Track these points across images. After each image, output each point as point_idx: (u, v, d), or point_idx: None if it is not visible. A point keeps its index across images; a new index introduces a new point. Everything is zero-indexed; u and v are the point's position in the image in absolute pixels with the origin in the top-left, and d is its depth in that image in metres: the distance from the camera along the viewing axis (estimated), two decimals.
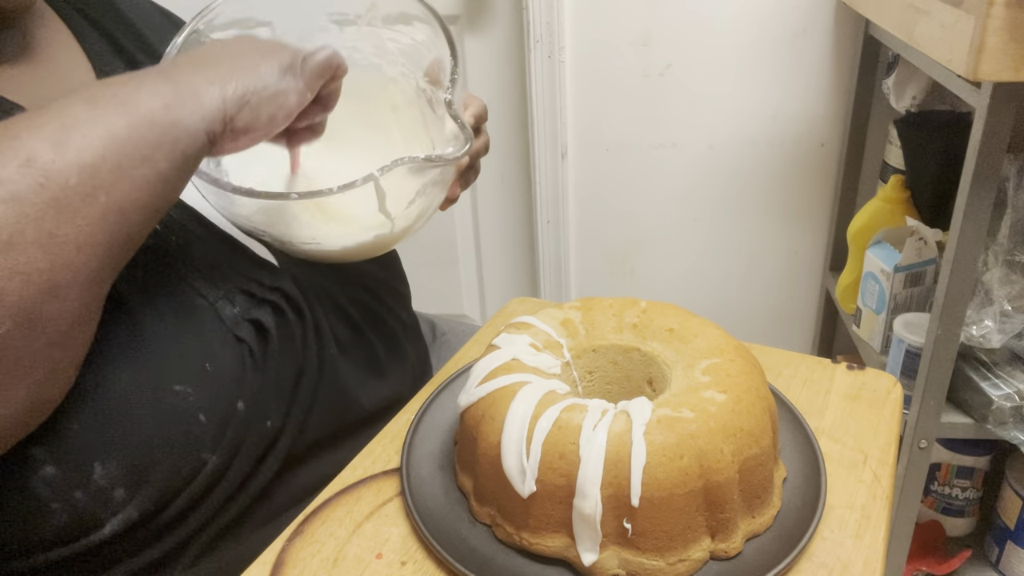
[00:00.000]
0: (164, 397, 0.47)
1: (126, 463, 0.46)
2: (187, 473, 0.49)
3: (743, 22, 1.36)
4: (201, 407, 0.49)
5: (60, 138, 0.38)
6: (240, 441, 0.52)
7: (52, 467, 0.44)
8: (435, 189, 0.57)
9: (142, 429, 0.46)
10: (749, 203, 1.50)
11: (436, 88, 0.62)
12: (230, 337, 0.52)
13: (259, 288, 0.55)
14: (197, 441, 0.49)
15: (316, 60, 0.48)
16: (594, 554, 0.47)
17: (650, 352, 0.57)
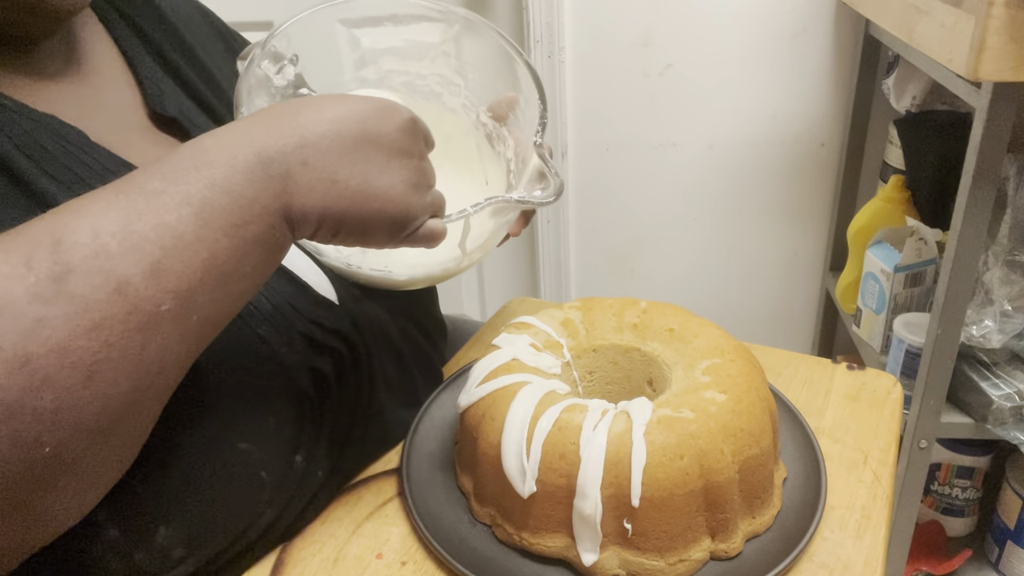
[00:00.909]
0: (229, 457, 0.47)
1: (189, 525, 0.45)
2: (243, 527, 0.49)
3: (743, 22, 1.36)
4: (263, 464, 0.48)
5: (157, 265, 0.35)
6: (292, 495, 0.51)
7: (116, 531, 0.43)
8: (504, 227, 0.58)
9: (207, 491, 0.46)
10: (749, 203, 1.50)
11: (499, 124, 0.63)
12: (291, 387, 0.50)
13: (320, 332, 0.53)
14: (257, 498, 0.49)
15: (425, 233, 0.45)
16: (594, 554, 0.47)
17: (650, 352, 0.57)
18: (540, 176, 0.53)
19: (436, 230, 0.45)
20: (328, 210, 0.40)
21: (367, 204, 0.41)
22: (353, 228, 0.41)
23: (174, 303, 0.35)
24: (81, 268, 0.33)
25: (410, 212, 0.43)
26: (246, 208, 0.37)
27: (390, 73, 0.65)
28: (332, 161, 0.40)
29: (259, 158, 0.38)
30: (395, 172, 0.42)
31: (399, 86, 0.66)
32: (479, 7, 1.45)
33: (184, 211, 0.36)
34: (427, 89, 0.66)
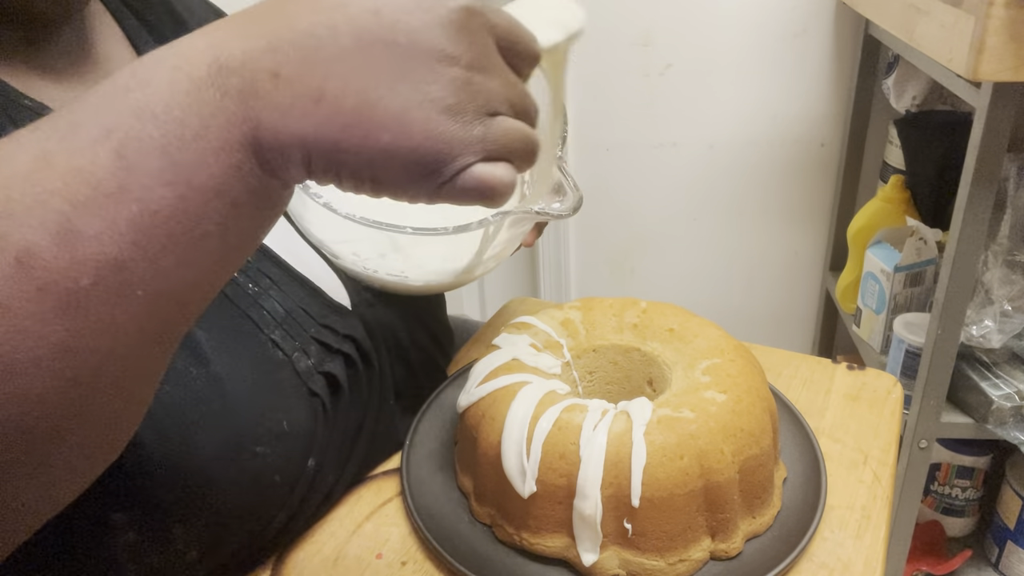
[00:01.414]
0: (246, 460, 0.46)
1: (205, 528, 0.45)
2: (257, 530, 0.49)
3: (743, 22, 1.36)
4: (277, 468, 0.48)
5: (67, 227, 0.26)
6: (305, 497, 0.51)
7: (133, 534, 0.43)
8: (518, 238, 0.58)
9: (224, 494, 0.46)
10: (749, 203, 1.50)
11: None
12: (304, 391, 0.50)
13: (333, 337, 0.53)
14: (271, 502, 0.49)
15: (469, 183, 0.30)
16: (594, 554, 0.47)
17: (650, 352, 0.57)
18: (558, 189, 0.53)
19: (487, 179, 0.30)
20: (311, 141, 0.28)
21: (370, 135, 0.28)
22: (356, 169, 0.29)
23: (98, 276, 0.26)
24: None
25: (439, 149, 0.28)
26: (188, 142, 0.26)
27: None
28: (316, 69, 0.27)
29: (212, 70, 0.27)
30: (417, 86, 0.28)
31: None
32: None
33: (101, 150, 0.26)
34: None
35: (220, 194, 0.27)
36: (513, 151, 0.30)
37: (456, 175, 0.29)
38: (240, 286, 0.52)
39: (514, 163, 0.31)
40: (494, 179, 0.30)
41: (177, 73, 0.27)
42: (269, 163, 0.28)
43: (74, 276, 0.26)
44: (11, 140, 0.27)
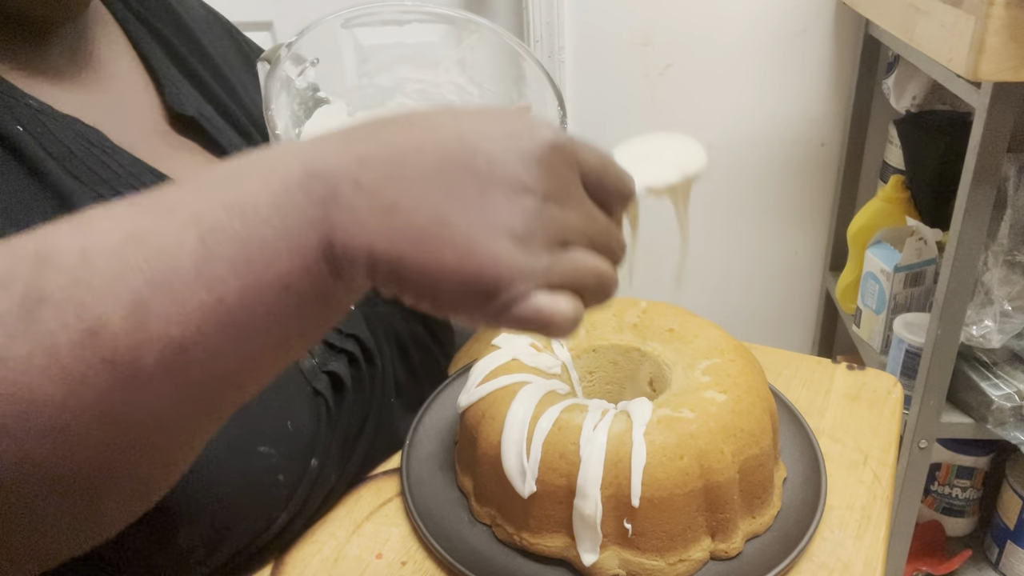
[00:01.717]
0: (250, 460, 0.47)
1: (209, 528, 0.46)
2: (260, 530, 0.49)
3: (743, 22, 1.36)
4: (281, 468, 0.48)
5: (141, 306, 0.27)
6: (307, 497, 0.52)
7: (139, 534, 0.43)
8: None
9: (228, 494, 0.46)
10: (749, 203, 1.50)
11: None
12: (308, 391, 0.50)
13: (336, 336, 0.53)
14: (274, 501, 0.49)
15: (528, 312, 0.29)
16: (594, 554, 0.47)
17: (650, 352, 0.57)
18: None
19: (545, 309, 0.29)
20: (378, 251, 0.28)
21: (434, 251, 0.28)
22: (417, 282, 0.29)
23: (161, 355, 0.27)
24: (56, 298, 0.27)
25: (500, 274, 0.28)
26: (268, 240, 0.28)
27: (405, 80, 0.65)
28: (396, 184, 0.28)
29: (303, 175, 0.28)
30: (488, 211, 0.28)
31: (412, 94, 0.66)
32: (479, 7, 1.45)
33: (188, 236, 0.27)
34: (440, 97, 0.66)
35: (287, 291, 0.28)
36: (582, 285, 0.30)
37: (514, 302, 0.29)
38: None
39: (584, 297, 0.30)
40: (552, 310, 0.29)
41: (271, 174, 0.28)
42: (337, 267, 0.29)
43: (138, 353, 0.27)
44: (109, 211, 0.28)
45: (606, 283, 0.31)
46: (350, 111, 0.64)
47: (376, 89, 0.65)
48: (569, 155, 0.30)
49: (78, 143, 0.48)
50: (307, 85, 0.59)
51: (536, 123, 0.30)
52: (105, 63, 0.55)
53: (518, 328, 0.30)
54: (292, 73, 0.56)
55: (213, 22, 0.67)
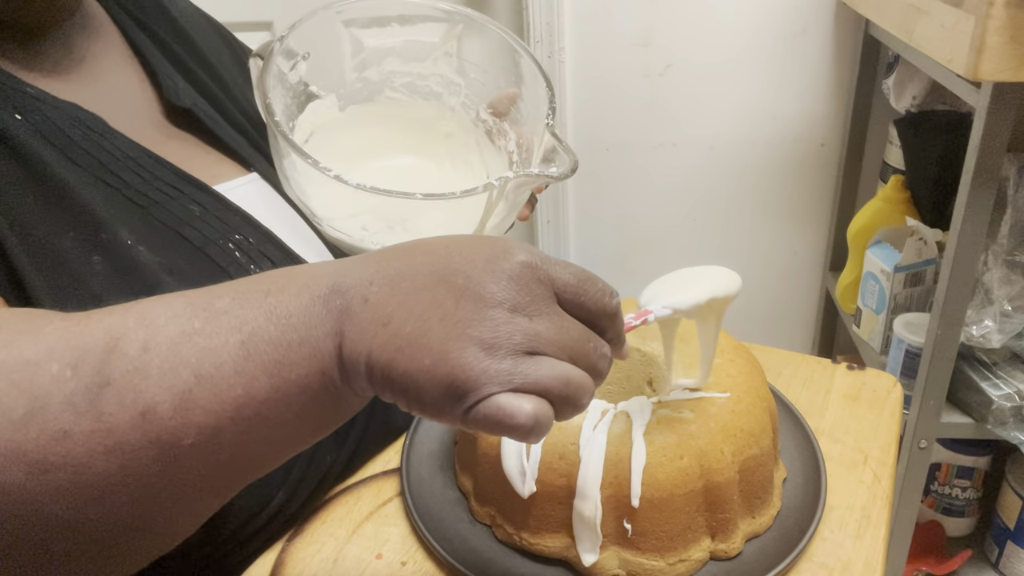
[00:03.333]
0: None
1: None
2: (256, 511, 0.50)
3: (743, 22, 1.35)
4: None
5: (187, 395, 0.31)
6: (303, 477, 0.53)
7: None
8: (514, 212, 0.59)
9: None
10: (749, 203, 1.50)
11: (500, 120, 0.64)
12: None
13: None
14: (269, 481, 0.50)
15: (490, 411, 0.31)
16: (594, 555, 0.47)
17: (650, 352, 0.57)
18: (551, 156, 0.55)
19: (506, 408, 0.31)
20: (374, 358, 0.32)
21: (416, 358, 0.31)
22: (403, 385, 0.32)
23: (197, 439, 0.32)
24: (118, 384, 0.31)
25: (468, 376, 0.31)
26: (294, 345, 0.32)
27: (392, 74, 0.66)
28: (393, 299, 0.32)
29: (328, 291, 0.33)
30: (461, 322, 0.32)
31: (400, 87, 0.66)
32: (478, 7, 1.45)
33: (232, 338, 0.32)
34: (427, 90, 0.67)
35: (304, 391, 0.33)
36: (547, 389, 0.32)
37: (480, 402, 0.31)
38: (242, 266, 0.53)
39: (553, 403, 0.32)
40: (512, 409, 0.31)
41: (304, 289, 0.33)
42: (345, 372, 0.33)
43: (180, 435, 0.32)
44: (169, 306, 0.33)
45: (575, 390, 0.33)
46: (341, 105, 0.65)
47: (365, 83, 0.66)
48: (541, 273, 0.33)
49: (76, 129, 0.49)
50: (299, 80, 0.59)
51: (514, 246, 0.34)
52: (100, 59, 0.56)
53: (486, 429, 0.32)
54: (284, 67, 0.57)
55: (204, 22, 0.68)
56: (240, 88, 0.65)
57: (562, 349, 0.33)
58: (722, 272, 0.48)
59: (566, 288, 0.34)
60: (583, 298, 0.34)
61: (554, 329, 0.33)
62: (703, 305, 0.46)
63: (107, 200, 0.48)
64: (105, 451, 0.31)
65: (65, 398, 0.31)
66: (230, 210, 0.55)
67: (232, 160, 0.60)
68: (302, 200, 0.57)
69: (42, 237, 0.45)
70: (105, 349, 0.32)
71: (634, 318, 0.42)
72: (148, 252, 0.48)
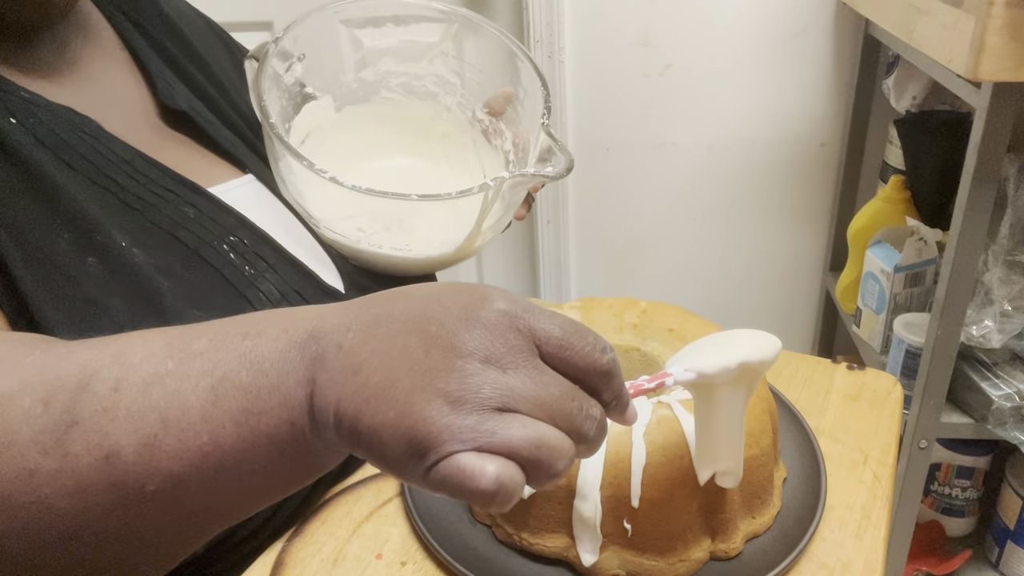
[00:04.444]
0: None
1: None
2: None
3: (743, 22, 1.35)
4: None
5: (152, 440, 0.31)
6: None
7: None
8: (511, 211, 0.59)
9: None
10: (749, 203, 1.50)
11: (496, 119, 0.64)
12: None
13: None
14: None
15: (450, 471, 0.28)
16: (594, 555, 0.47)
17: (650, 352, 0.57)
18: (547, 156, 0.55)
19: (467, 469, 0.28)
20: (342, 408, 0.30)
21: (382, 411, 0.29)
22: (368, 439, 0.30)
23: (161, 486, 0.31)
24: (86, 424, 0.31)
25: (429, 432, 0.28)
26: (263, 393, 0.31)
27: (388, 74, 0.66)
28: (366, 347, 0.30)
29: (305, 336, 0.32)
30: (427, 373, 0.29)
31: (396, 87, 0.66)
32: (479, 7, 1.45)
33: (203, 382, 0.31)
34: (423, 90, 0.67)
35: (272, 441, 0.31)
36: (515, 450, 0.28)
37: (440, 461, 0.28)
38: (237, 268, 0.53)
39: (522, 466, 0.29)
40: (473, 470, 0.28)
41: (282, 334, 0.32)
42: (316, 424, 0.31)
43: (143, 481, 0.31)
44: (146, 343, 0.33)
45: (547, 453, 0.29)
46: (337, 106, 0.65)
47: (361, 84, 0.66)
48: (521, 323, 0.31)
49: (70, 132, 0.49)
50: (294, 81, 0.60)
51: (494, 293, 0.31)
52: (95, 61, 0.56)
53: (447, 491, 0.29)
54: (280, 69, 0.57)
55: (200, 22, 0.68)
56: (236, 89, 0.65)
57: (538, 407, 0.29)
58: (759, 335, 0.42)
59: (548, 340, 0.31)
60: (568, 352, 0.31)
61: (530, 384, 0.30)
62: (733, 369, 0.39)
63: (101, 203, 0.48)
64: (68, 492, 0.31)
65: (33, 436, 0.30)
66: (225, 212, 0.55)
67: (227, 162, 0.60)
68: (298, 202, 0.57)
69: (37, 240, 0.45)
70: (77, 386, 0.31)
71: (648, 380, 0.37)
72: (143, 254, 0.48)
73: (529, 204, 0.66)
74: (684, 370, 0.39)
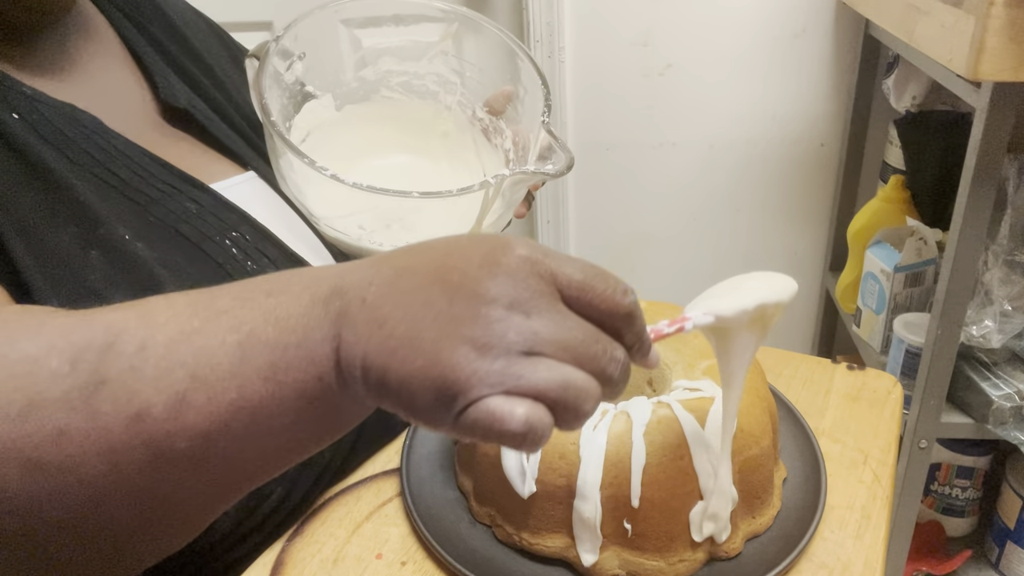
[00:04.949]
0: None
1: None
2: (253, 506, 0.50)
3: (743, 22, 1.36)
4: None
5: (181, 397, 0.31)
6: (301, 473, 0.53)
7: None
8: (511, 209, 0.59)
9: None
10: (749, 203, 1.50)
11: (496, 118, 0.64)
12: None
13: None
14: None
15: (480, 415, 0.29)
16: (594, 555, 0.47)
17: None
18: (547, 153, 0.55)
19: (496, 412, 0.29)
20: (369, 359, 0.30)
21: (409, 360, 0.29)
22: (396, 390, 0.30)
23: (191, 443, 0.31)
24: (114, 383, 0.31)
25: (458, 378, 0.29)
26: (291, 348, 0.31)
27: (389, 73, 0.66)
28: (389, 299, 0.31)
29: (328, 292, 0.32)
30: (453, 321, 0.30)
31: (396, 87, 0.66)
32: (479, 7, 1.45)
33: (229, 339, 0.31)
34: (424, 89, 0.67)
35: (300, 396, 0.32)
36: (543, 392, 0.29)
37: (470, 405, 0.29)
38: (239, 263, 0.53)
39: (551, 408, 0.29)
40: (503, 413, 0.28)
41: (305, 291, 0.32)
42: (343, 378, 0.31)
43: (173, 439, 0.31)
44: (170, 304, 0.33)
45: (575, 395, 0.30)
46: (337, 105, 0.65)
47: (362, 83, 0.66)
48: (542, 268, 0.31)
49: (72, 128, 0.49)
50: (295, 79, 0.60)
51: (514, 241, 0.31)
52: (96, 59, 0.56)
53: (478, 436, 0.29)
54: (280, 68, 0.57)
55: (200, 22, 0.68)
56: (237, 88, 0.65)
57: (564, 349, 0.30)
58: (775, 276, 0.42)
59: (570, 284, 0.31)
60: (590, 295, 0.31)
61: (554, 327, 0.30)
62: (751, 312, 0.39)
63: (104, 197, 0.49)
64: (98, 452, 0.30)
65: (62, 396, 0.30)
66: (227, 208, 0.55)
67: (229, 159, 0.61)
68: (300, 200, 0.57)
69: (41, 232, 0.46)
70: (103, 346, 0.31)
71: (668, 324, 0.37)
72: (145, 248, 0.49)
73: (529, 203, 0.66)
74: (703, 314, 0.39)
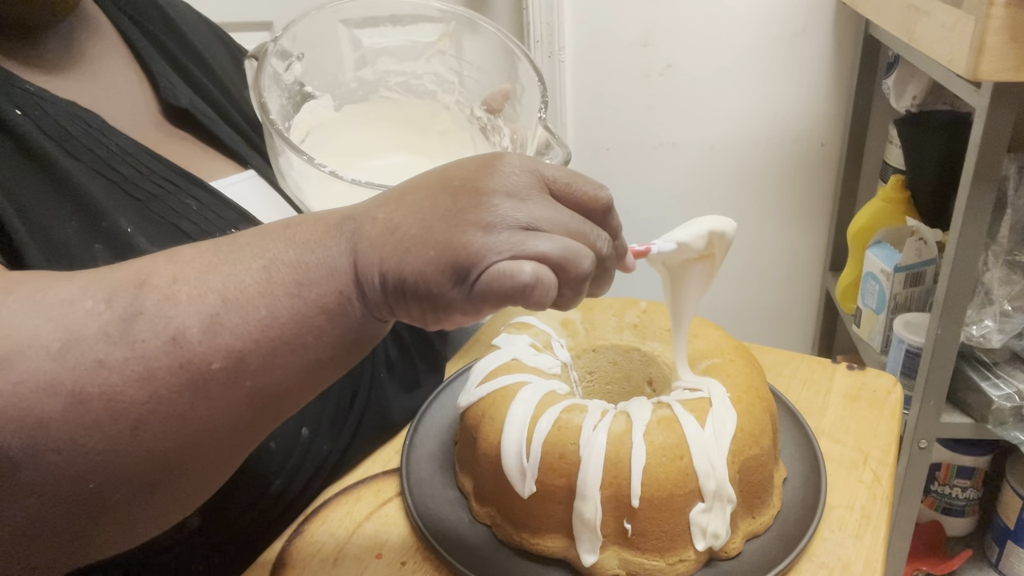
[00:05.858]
0: None
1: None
2: (254, 497, 0.51)
3: (743, 22, 1.35)
4: (273, 435, 0.50)
5: (215, 319, 0.33)
6: (300, 465, 0.54)
7: None
8: None
9: None
10: (749, 203, 1.50)
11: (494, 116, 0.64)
12: None
13: None
14: (267, 468, 0.51)
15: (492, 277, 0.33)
16: (594, 555, 0.47)
17: (650, 352, 0.57)
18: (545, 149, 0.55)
19: (507, 271, 0.33)
20: (385, 265, 0.34)
21: (423, 254, 0.33)
22: (414, 285, 0.34)
23: (225, 363, 0.33)
24: (150, 313, 0.33)
25: (469, 253, 0.33)
26: (312, 266, 0.34)
27: (387, 73, 0.66)
28: (398, 211, 0.35)
29: (341, 218, 0.36)
30: (460, 213, 0.34)
31: (395, 86, 0.67)
32: (479, 7, 1.45)
33: (255, 264, 0.34)
34: (422, 88, 0.67)
35: (324, 311, 0.34)
36: (545, 254, 0.33)
37: (483, 273, 0.33)
38: None
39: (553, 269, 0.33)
40: (512, 270, 0.33)
41: (320, 221, 0.36)
42: (363, 289, 0.35)
43: (208, 360, 0.33)
44: (195, 247, 0.36)
45: (574, 255, 0.34)
46: (336, 105, 0.65)
47: (360, 83, 0.66)
48: (532, 167, 0.35)
49: (75, 124, 0.50)
50: (294, 80, 0.60)
51: (505, 152, 0.36)
52: (98, 59, 0.57)
53: (493, 301, 0.33)
54: (279, 68, 0.57)
55: (201, 23, 0.69)
56: (237, 89, 0.66)
57: (557, 226, 0.34)
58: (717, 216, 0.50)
59: (556, 181, 0.36)
60: (573, 188, 0.36)
61: (548, 210, 0.34)
62: (704, 236, 0.47)
63: (106, 192, 0.49)
64: (138, 379, 0.32)
65: (100, 329, 0.32)
66: (227, 205, 0.55)
67: (229, 158, 0.61)
68: (299, 198, 0.57)
69: (46, 225, 0.46)
70: (136, 284, 0.33)
71: (638, 245, 0.43)
72: (147, 242, 0.49)
73: None
74: (665, 240, 0.46)
